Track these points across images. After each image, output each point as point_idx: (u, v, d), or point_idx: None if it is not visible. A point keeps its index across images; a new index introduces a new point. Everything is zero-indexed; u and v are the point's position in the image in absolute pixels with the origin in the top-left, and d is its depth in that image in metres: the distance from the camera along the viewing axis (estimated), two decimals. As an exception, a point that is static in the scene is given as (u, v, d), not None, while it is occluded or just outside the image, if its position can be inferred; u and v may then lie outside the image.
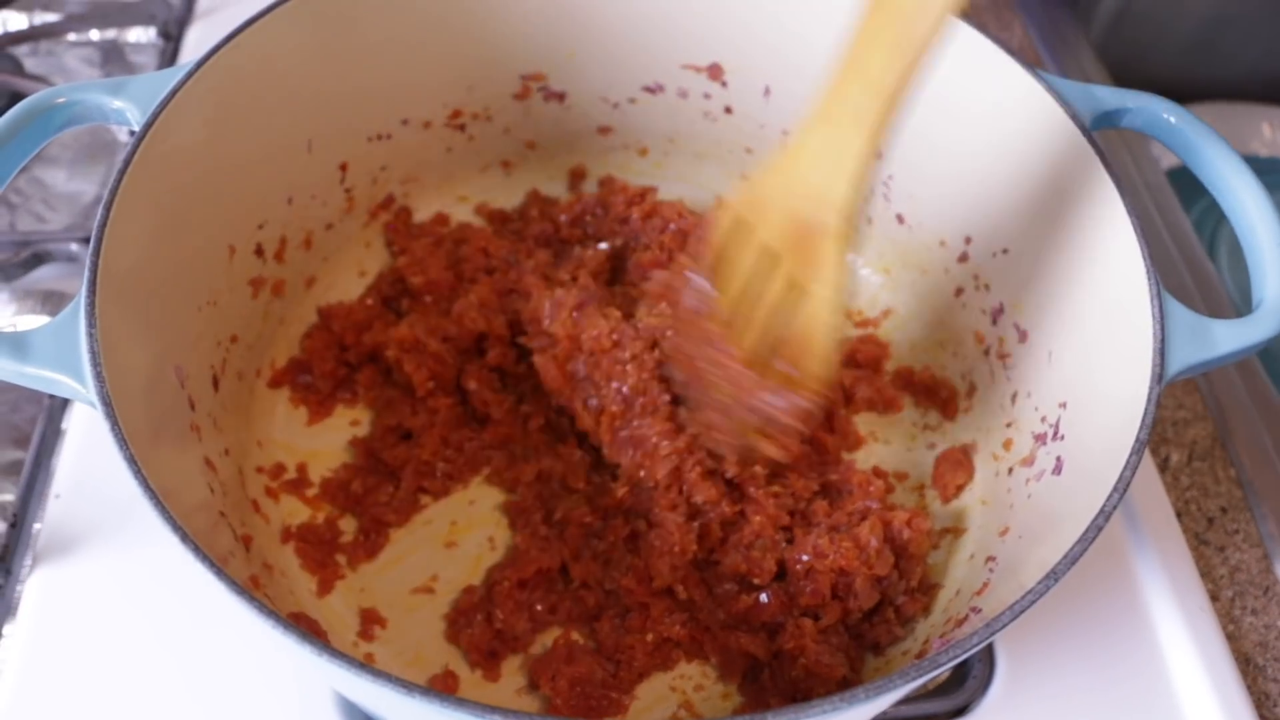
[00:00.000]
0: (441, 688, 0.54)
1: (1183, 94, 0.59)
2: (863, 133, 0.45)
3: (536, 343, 0.62)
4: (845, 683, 0.54)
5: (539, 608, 0.56)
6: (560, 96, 0.72)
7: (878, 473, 0.62)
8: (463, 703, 0.39)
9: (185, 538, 0.41)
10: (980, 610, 0.51)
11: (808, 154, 0.47)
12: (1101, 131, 0.56)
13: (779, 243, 0.48)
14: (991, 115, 0.60)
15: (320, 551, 0.58)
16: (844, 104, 0.45)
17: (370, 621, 0.57)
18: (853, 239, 0.47)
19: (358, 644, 0.56)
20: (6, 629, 0.57)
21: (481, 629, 0.55)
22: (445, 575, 0.59)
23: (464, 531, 0.61)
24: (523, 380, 0.64)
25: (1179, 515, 0.65)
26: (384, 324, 0.66)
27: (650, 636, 0.55)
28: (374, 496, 0.60)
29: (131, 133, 0.52)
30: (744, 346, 0.50)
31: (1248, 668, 0.60)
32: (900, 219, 0.70)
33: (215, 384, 0.58)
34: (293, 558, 0.58)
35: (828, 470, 0.62)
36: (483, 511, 0.62)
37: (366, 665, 0.39)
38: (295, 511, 0.60)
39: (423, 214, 0.73)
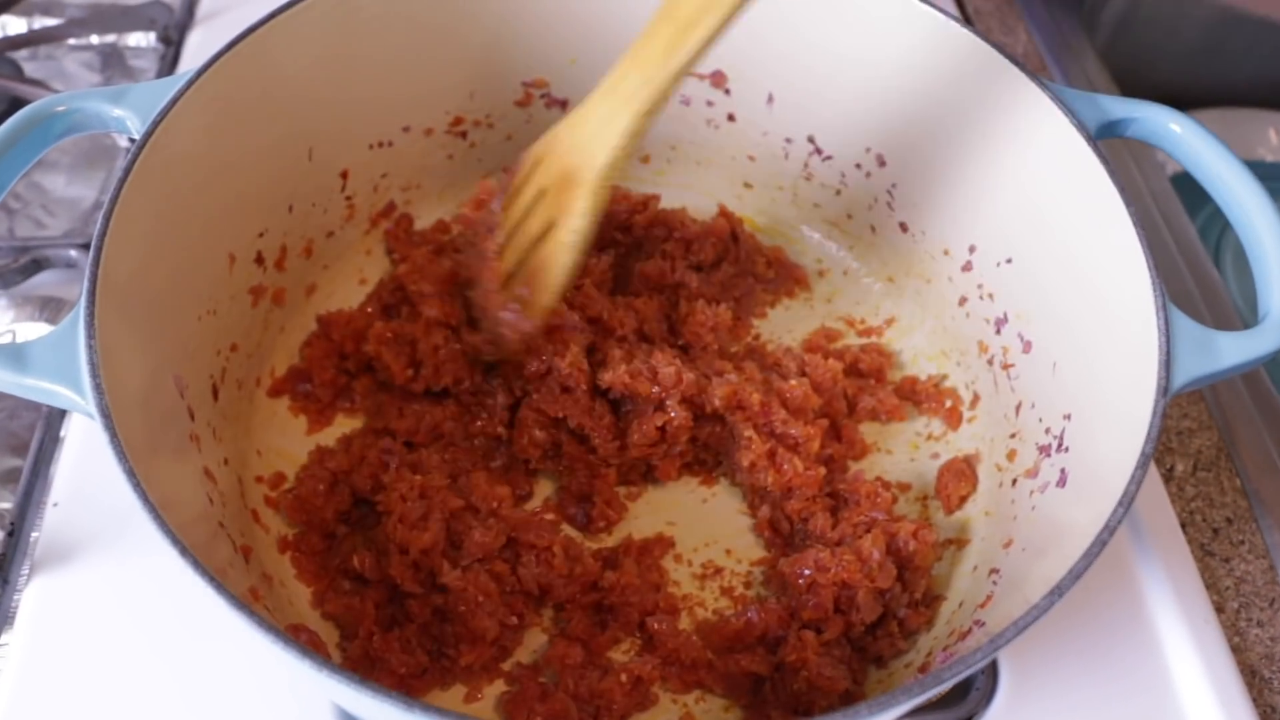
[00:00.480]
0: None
1: (1188, 100, 0.59)
2: (630, 111, 0.53)
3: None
4: (848, 696, 0.53)
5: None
6: (562, 103, 0.72)
7: (882, 484, 0.62)
8: (461, 717, 0.39)
9: (184, 550, 0.41)
10: (984, 623, 0.51)
11: (589, 118, 0.55)
12: (1106, 140, 0.56)
13: (548, 186, 0.57)
14: (996, 123, 0.60)
15: (314, 562, 0.58)
16: (623, 84, 0.53)
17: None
18: (602, 198, 0.56)
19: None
20: (3, 638, 0.57)
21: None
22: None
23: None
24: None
25: (1184, 526, 0.65)
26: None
27: (624, 677, 0.53)
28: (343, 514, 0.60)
29: (132, 140, 0.52)
30: (502, 266, 0.59)
31: (1253, 680, 0.60)
32: (904, 227, 0.69)
33: (215, 393, 0.58)
34: (290, 568, 0.58)
35: (835, 480, 0.61)
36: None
37: (365, 680, 0.39)
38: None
39: (424, 221, 0.73)
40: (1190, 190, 0.78)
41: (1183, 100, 0.57)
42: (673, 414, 0.59)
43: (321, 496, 0.59)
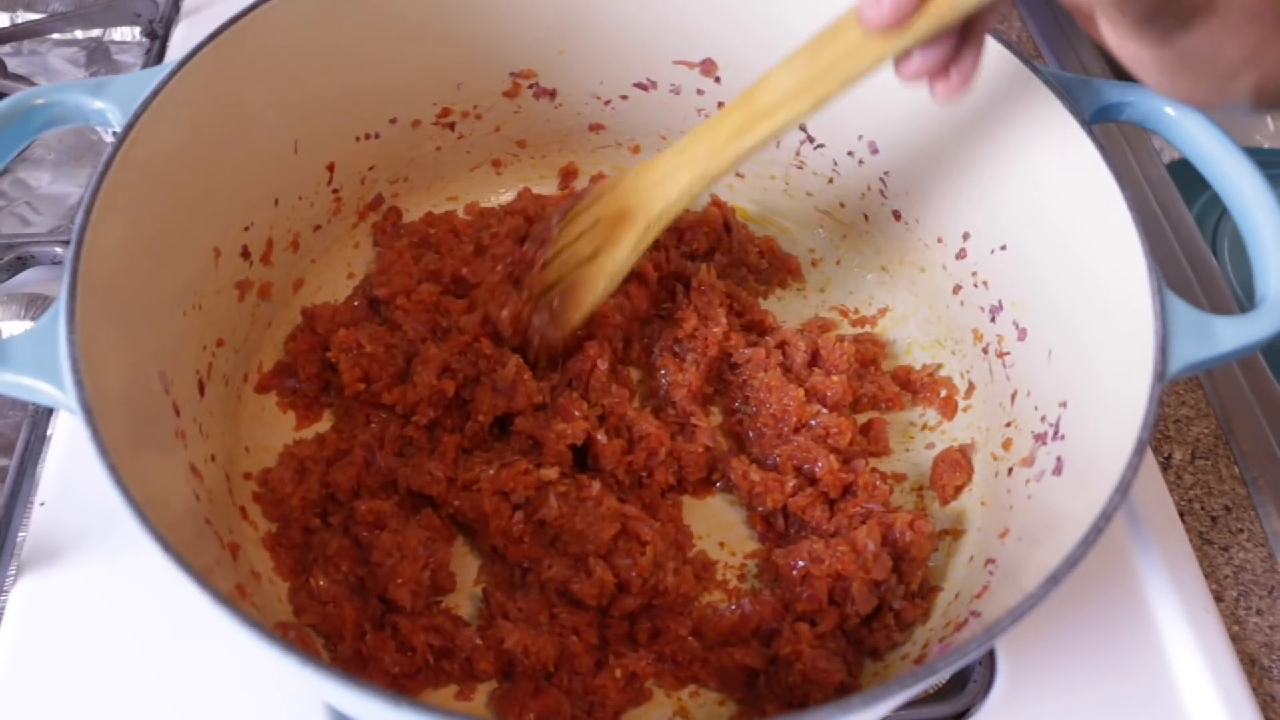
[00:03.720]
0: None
1: (1183, 87, 0.58)
2: (691, 174, 0.57)
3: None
4: (843, 688, 0.53)
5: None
6: (551, 94, 0.71)
7: (878, 475, 0.61)
8: (452, 715, 0.38)
9: (167, 546, 0.41)
10: (980, 614, 0.50)
11: (655, 168, 0.59)
12: (1101, 125, 0.55)
13: (604, 217, 0.61)
14: (989, 109, 0.59)
15: (292, 557, 0.57)
16: (691, 149, 0.57)
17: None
18: (647, 240, 0.60)
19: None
20: (-10, 639, 0.56)
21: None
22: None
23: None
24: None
25: (1182, 515, 0.64)
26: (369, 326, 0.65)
27: (619, 673, 0.53)
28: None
29: (114, 134, 0.52)
30: (544, 276, 0.63)
31: (1253, 669, 0.59)
32: (897, 215, 0.69)
33: (200, 389, 0.57)
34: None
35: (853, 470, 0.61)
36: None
37: (354, 677, 0.38)
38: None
39: (412, 214, 0.72)
40: (1187, 178, 0.77)
41: (1179, 87, 0.57)
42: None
43: (289, 485, 0.58)
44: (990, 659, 0.56)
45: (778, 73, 0.54)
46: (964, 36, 0.49)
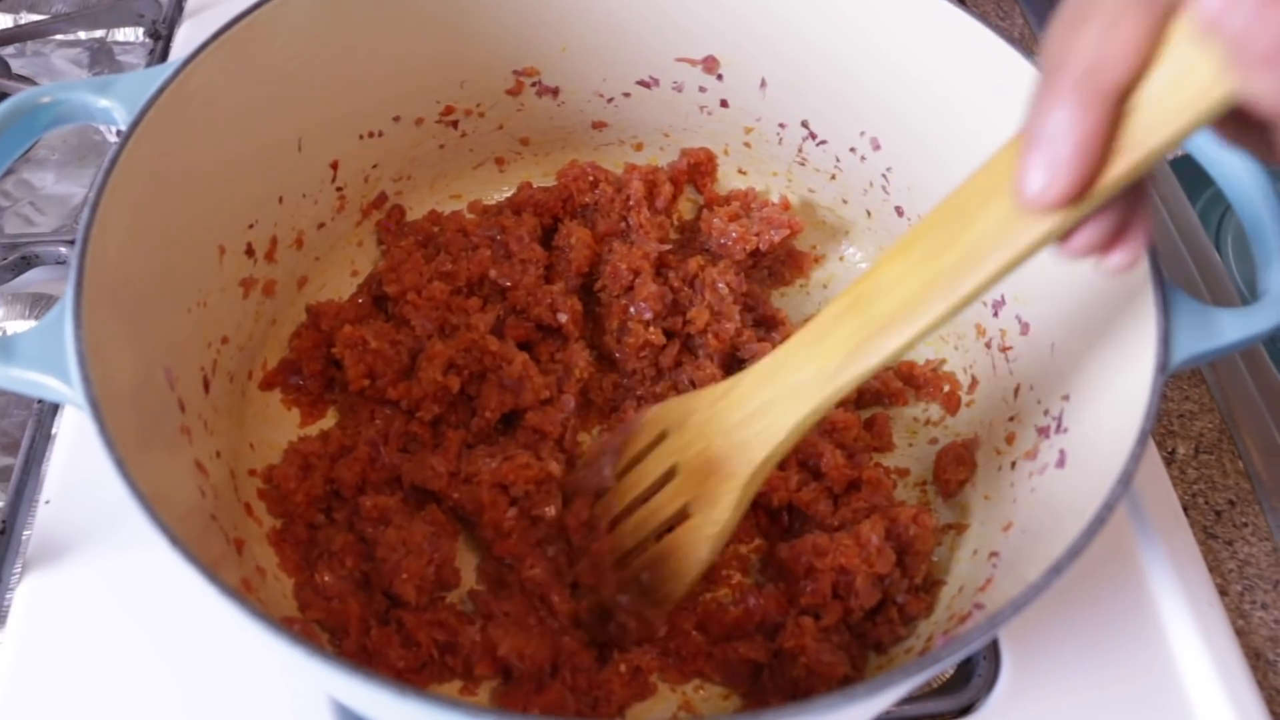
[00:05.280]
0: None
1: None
2: (802, 409, 0.45)
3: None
4: (847, 682, 0.53)
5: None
6: (554, 91, 0.71)
7: (882, 470, 0.61)
8: (457, 704, 0.38)
9: (176, 541, 0.41)
10: (984, 606, 0.50)
11: (745, 404, 0.48)
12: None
13: (683, 464, 0.51)
14: (990, 104, 0.59)
15: (297, 553, 0.57)
16: (791, 373, 0.45)
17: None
18: (751, 493, 0.49)
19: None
20: (-3, 637, 0.57)
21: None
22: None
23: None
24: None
25: (1186, 509, 0.64)
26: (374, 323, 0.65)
27: (623, 667, 0.53)
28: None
29: (118, 132, 0.52)
30: (618, 541, 0.53)
31: (1258, 663, 0.59)
32: (899, 211, 0.69)
33: (206, 386, 0.57)
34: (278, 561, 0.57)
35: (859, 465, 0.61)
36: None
37: (361, 668, 0.38)
38: (287, 514, 0.59)
39: (416, 212, 0.73)
40: (1190, 173, 0.77)
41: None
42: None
43: (294, 481, 0.58)
44: (995, 653, 0.56)
45: (898, 261, 0.42)
46: (1132, 195, 0.37)
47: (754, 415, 0.47)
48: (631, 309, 0.65)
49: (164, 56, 0.87)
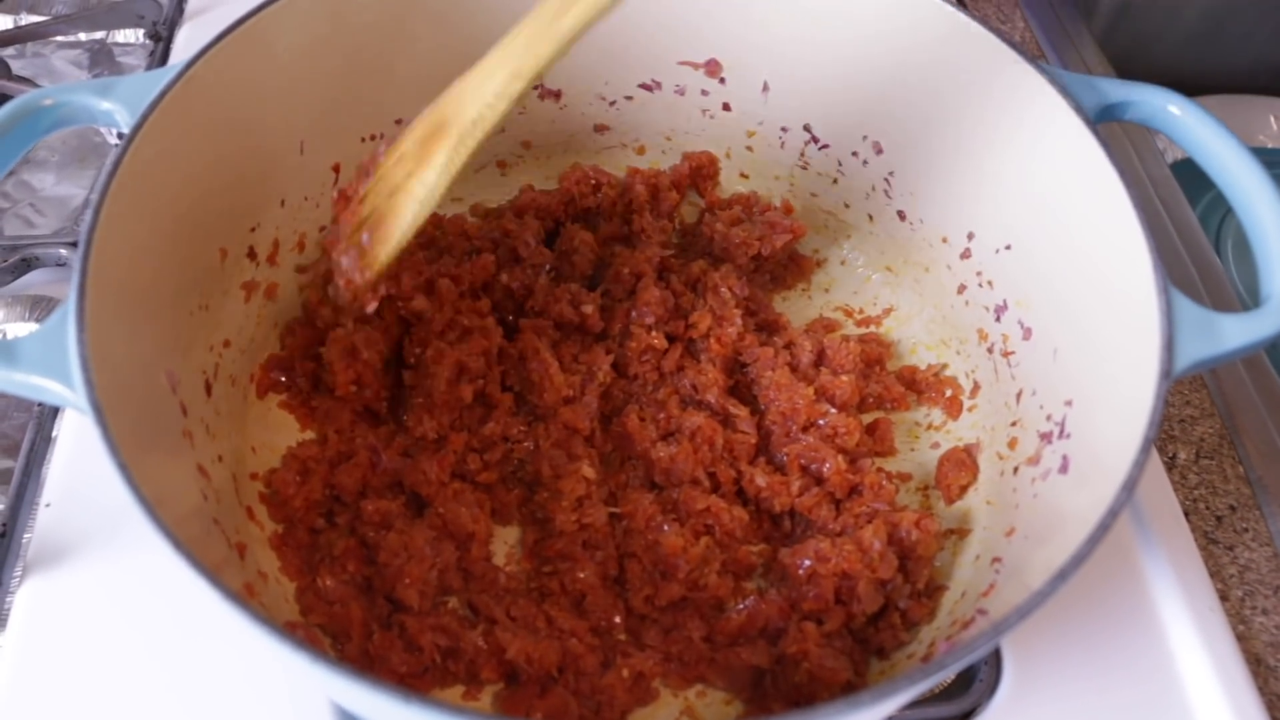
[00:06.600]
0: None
1: (1187, 86, 0.58)
2: (507, 70, 0.52)
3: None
4: (849, 687, 0.53)
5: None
6: (556, 94, 0.71)
7: (884, 475, 0.61)
8: (461, 710, 0.38)
9: (178, 545, 0.40)
10: (986, 612, 0.50)
11: (473, 74, 0.54)
12: (1105, 124, 0.55)
13: (419, 138, 0.55)
14: (994, 109, 0.59)
15: (299, 558, 0.57)
16: (510, 45, 0.52)
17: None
18: (462, 154, 0.53)
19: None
20: (-3, 640, 0.56)
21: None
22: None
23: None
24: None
25: (1187, 514, 0.64)
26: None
27: (626, 673, 0.53)
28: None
29: (120, 135, 0.52)
30: (359, 213, 0.57)
31: (1259, 668, 0.59)
32: (901, 216, 0.69)
33: (208, 389, 0.57)
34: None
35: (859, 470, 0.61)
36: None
37: (365, 674, 0.38)
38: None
39: (418, 215, 0.72)
40: (1191, 177, 0.77)
41: (1182, 87, 0.56)
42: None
43: (293, 486, 0.58)
44: (996, 658, 0.56)
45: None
46: None
47: (475, 84, 0.53)
48: (634, 313, 0.65)
49: (164, 58, 0.86)
